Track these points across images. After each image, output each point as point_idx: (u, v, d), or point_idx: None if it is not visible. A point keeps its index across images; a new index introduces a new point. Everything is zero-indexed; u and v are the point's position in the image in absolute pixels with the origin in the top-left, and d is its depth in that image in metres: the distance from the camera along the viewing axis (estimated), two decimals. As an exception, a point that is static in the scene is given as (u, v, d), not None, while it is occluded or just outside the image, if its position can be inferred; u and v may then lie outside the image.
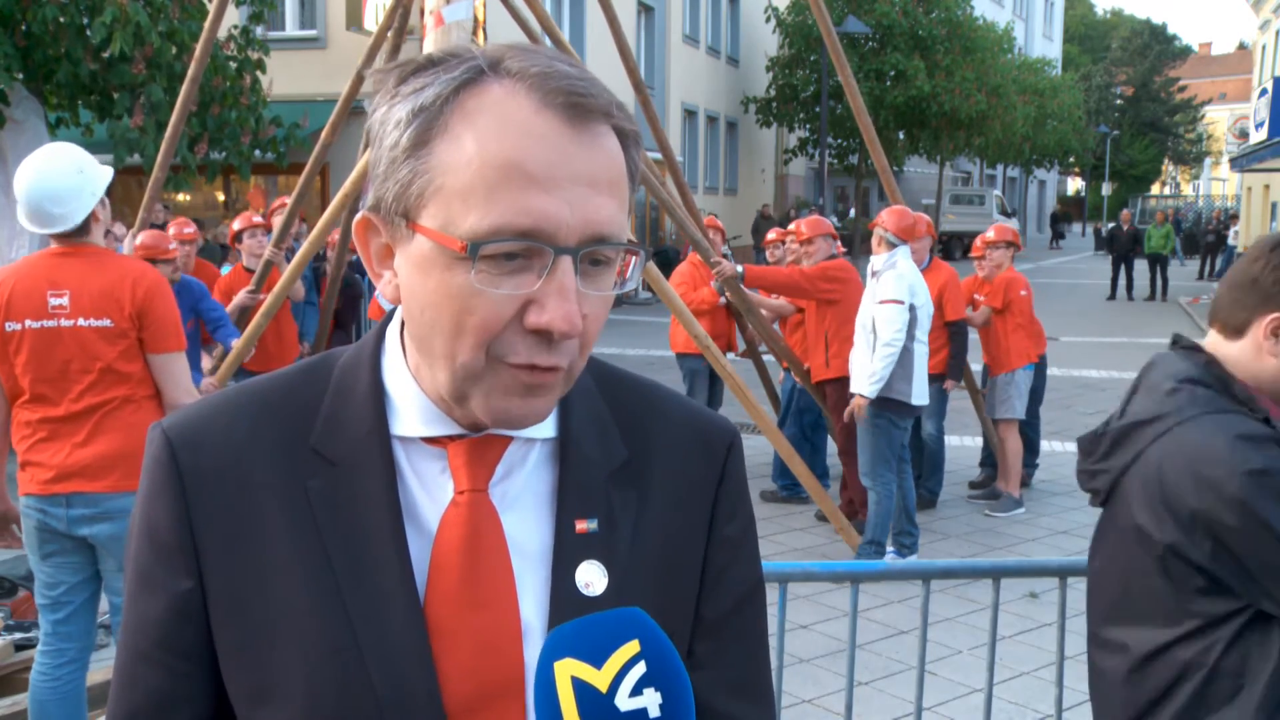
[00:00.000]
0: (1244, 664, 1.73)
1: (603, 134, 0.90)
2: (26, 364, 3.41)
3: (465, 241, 0.86)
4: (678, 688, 0.90)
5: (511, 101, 0.88)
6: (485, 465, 0.98)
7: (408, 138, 0.89)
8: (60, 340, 3.41)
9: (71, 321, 3.41)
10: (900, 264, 6.17)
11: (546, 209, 0.87)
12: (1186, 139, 67.87)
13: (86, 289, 3.42)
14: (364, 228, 0.96)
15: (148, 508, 0.99)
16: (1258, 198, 26.43)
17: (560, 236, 0.87)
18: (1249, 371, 1.83)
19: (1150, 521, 1.79)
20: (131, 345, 3.47)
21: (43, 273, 3.46)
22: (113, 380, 3.45)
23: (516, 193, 0.86)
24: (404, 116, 0.90)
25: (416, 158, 0.89)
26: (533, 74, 0.88)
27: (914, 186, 36.71)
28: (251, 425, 0.99)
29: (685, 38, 27.27)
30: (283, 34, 17.21)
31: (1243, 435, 1.72)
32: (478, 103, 0.88)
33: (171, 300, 3.58)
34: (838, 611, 5.49)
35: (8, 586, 5.18)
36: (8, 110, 10.40)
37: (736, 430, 1.13)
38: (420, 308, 0.92)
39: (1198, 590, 1.75)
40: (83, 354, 3.42)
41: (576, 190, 0.88)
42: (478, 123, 0.87)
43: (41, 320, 3.40)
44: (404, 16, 6.96)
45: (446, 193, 0.88)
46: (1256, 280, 1.81)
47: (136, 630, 0.99)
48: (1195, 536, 1.72)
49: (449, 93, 0.89)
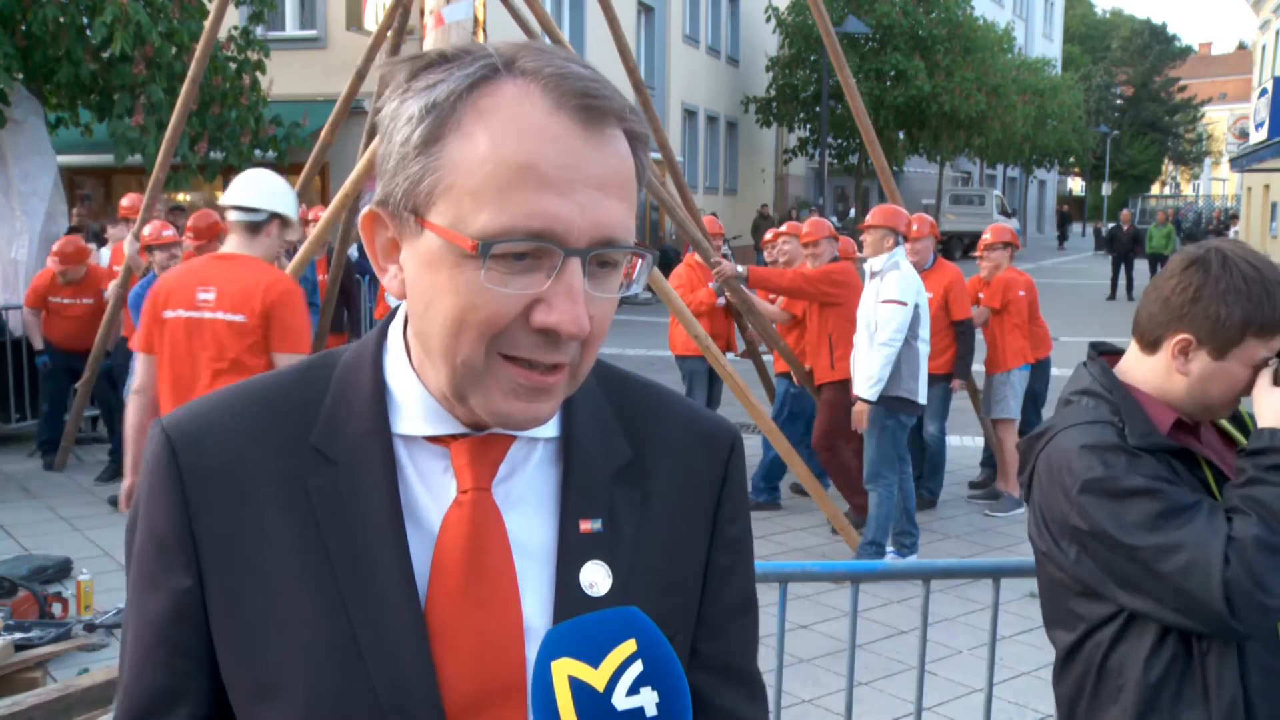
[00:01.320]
0: (1123, 664, 1.79)
1: (614, 137, 0.91)
2: (172, 350, 3.99)
3: (476, 241, 0.86)
4: (675, 686, 0.90)
5: (526, 101, 0.88)
6: (488, 464, 0.97)
7: (419, 134, 0.89)
8: (200, 330, 3.98)
9: (213, 314, 3.97)
10: (903, 264, 6.18)
11: (558, 211, 0.87)
12: (1186, 139, 67.87)
13: (230, 288, 3.97)
14: (371, 221, 0.96)
15: (148, 505, 0.98)
16: (1258, 198, 26.43)
17: (570, 238, 0.87)
18: (1160, 387, 1.85)
19: (1034, 530, 1.88)
20: (258, 341, 3.96)
21: (197, 271, 4.11)
22: (239, 371, 3.89)
23: (529, 194, 0.86)
24: (416, 112, 0.89)
25: (428, 154, 0.89)
26: (547, 74, 0.88)
27: (914, 186, 36.71)
28: (253, 423, 0.99)
29: (685, 38, 27.27)
30: (283, 34, 17.21)
31: (1089, 445, 1.77)
32: (491, 101, 0.88)
33: (301, 306, 4.10)
34: (838, 611, 5.49)
35: (8, 586, 5.18)
36: (8, 110, 10.40)
37: (739, 432, 1.14)
38: (425, 303, 0.91)
39: (1077, 594, 1.83)
40: (215, 344, 3.96)
41: (588, 193, 0.88)
42: (491, 121, 0.87)
43: (190, 311, 3.99)
44: (404, 16, 6.96)
45: (458, 190, 0.88)
46: (1168, 299, 1.82)
47: (139, 628, 0.99)
48: (1063, 543, 1.81)
49: (463, 89, 0.88)
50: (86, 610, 5.20)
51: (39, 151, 10.76)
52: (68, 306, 8.29)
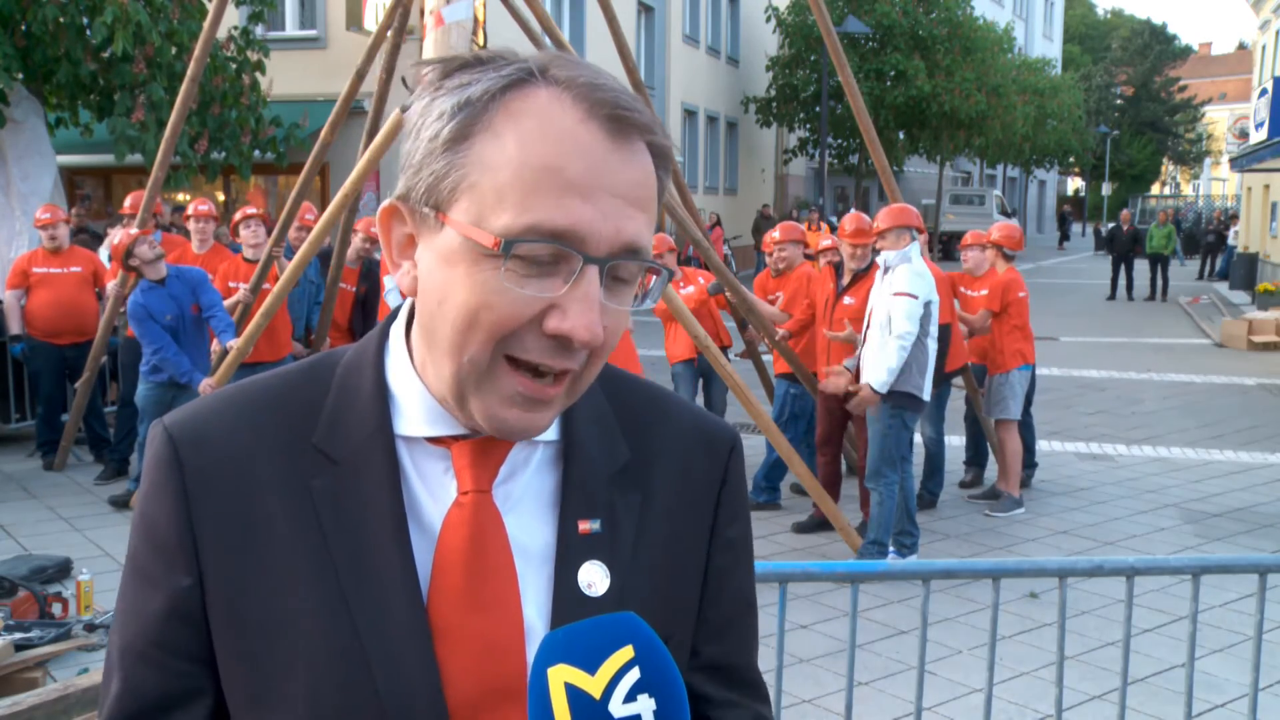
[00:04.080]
0: None
1: (640, 150, 0.91)
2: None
3: (500, 238, 0.87)
4: (672, 693, 0.89)
5: (557, 107, 0.88)
6: (489, 466, 0.97)
7: (449, 130, 0.89)
8: None
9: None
10: (915, 258, 6.17)
11: (582, 216, 0.87)
12: (1186, 139, 67.82)
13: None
14: (389, 216, 0.96)
15: (149, 505, 0.98)
16: (1258, 198, 26.39)
17: (591, 245, 0.88)
18: None
19: None
20: None
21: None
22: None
23: (554, 196, 0.87)
24: (448, 109, 0.90)
25: (455, 151, 0.89)
26: (580, 84, 0.89)
27: (914, 186, 36.70)
28: (254, 423, 0.99)
29: (685, 38, 27.26)
30: (283, 34, 17.20)
31: None
32: (523, 105, 0.88)
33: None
34: (838, 611, 5.49)
35: (8, 586, 5.17)
36: (8, 110, 10.40)
37: (738, 433, 1.14)
38: (438, 300, 0.91)
39: None
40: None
41: (612, 202, 0.88)
42: (522, 124, 0.88)
43: None
44: (404, 16, 6.95)
45: (482, 189, 0.88)
46: None
47: (133, 629, 0.98)
48: None
49: (496, 90, 0.89)
50: (86, 610, 5.20)
51: (39, 151, 10.76)
52: (56, 276, 8.19)
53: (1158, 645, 5.14)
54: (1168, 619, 5.44)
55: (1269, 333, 15.97)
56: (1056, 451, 9.19)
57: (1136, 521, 7.30)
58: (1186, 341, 16.82)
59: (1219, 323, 17.48)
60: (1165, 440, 9.84)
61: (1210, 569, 2.89)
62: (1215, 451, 9.40)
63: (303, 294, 8.19)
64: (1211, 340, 16.84)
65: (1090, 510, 7.57)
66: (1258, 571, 2.83)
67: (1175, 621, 5.38)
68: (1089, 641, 5.18)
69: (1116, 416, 10.94)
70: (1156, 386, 12.75)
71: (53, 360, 8.31)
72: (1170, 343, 16.57)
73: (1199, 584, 2.81)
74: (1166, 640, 5.19)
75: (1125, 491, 8.06)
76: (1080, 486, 8.20)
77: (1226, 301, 22.18)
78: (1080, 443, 9.68)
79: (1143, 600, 5.33)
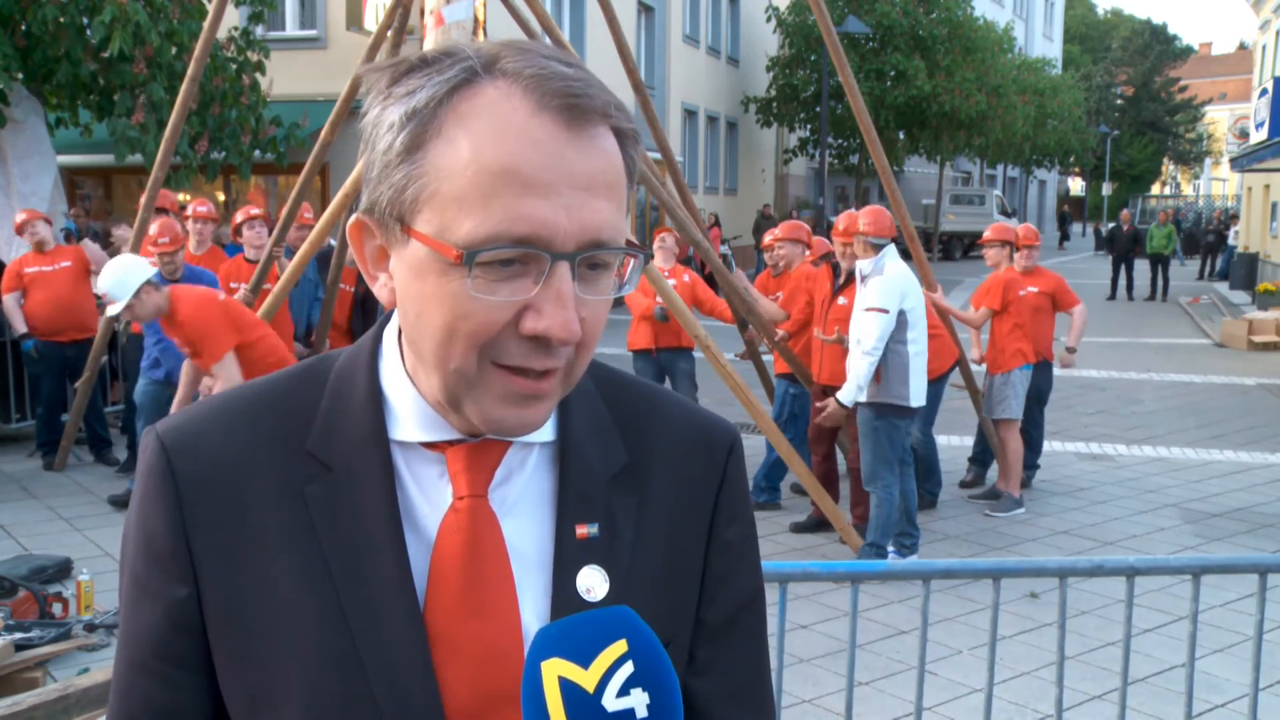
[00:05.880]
0: None
1: (600, 135, 0.89)
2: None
3: (461, 250, 0.85)
4: (666, 688, 0.89)
5: (507, 104, 0.86)
6: (484, 470, 0.97)
7: (401, 141, 0.88)
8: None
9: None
10: (888, 267, 6.13)
11: (543, 215, 0.85)
12: (1186, 139, 67.80)
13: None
14: (359, 230, 0.95)
15: (143, 514, 0.97)
16: (1258, 198, 26.38)
17: (557, 242, 0.86)
18: None
19: None
20: None
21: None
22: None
23: (512, 199, 0.85)
24: (397, 120, 0.88)
25: (410, 162, 0.87)
26: (529, 75, 0.87)
27: (914, 186, 36.69)
28: (248, 430, 0.98)
29: (685, 38, 27.24)
30: (283, 34, 17.19)
31: None
32: (472, 105, 0.87)
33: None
34: (838, 611, 5.49)
35: (8, 586, 5.17)
36: (8, 110, 10.39)
37: (738, 432, 1.12)
38: (415, 312, 0.91)
39: None
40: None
41: (573, 195, 0.86)
42: (472, 126, 0.86)
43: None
44: (404, 16, 6.95)
45: (441, 198, 0.86)
46: None
47: (133, 639, 0.98)
48: None
49: (442, 95, 0.87)
50: (86, 610, 5.20)
51: (39, 151, 10.76)
52: (47, 275, 8.19)
53: (1158, 645, 5.14)
54: (1168, 619, 5.44)
55: (1269, 333, 15.97)
56: (1056, 451, 9.19)
57: (1136, 521, 7.30)
58: (1186, 341, 16.81)
59: (1219, 323, 17.48)
60: (1165, 440, 9.84)
61: (1210, 569, 2.89)
62: (1215, 451, 9.40)
63: (303, 294, 8.19)
64: (1211, 340, 16.84)
65: (1090, 510, 7.57)
66: (1258, 571, 2.83)
67: (1175, 621, 5.38)
68: (1089, 641, 5.18)
69: (1116, 416, 10.94)
70: (1156, 386, 12.75)
71: (54, 360, 8.31)
72: (1170, 343, 16.56)
73: (1199, 584, 2.81)
74: (1167, 640, 5.19)
75: (1125, 491, 8.06)
76: (1080, 486, 8.20)
77: (1226, 301, 22.18)
78: (1080, 443, 9.68)
79: (1143, 600, 5.33)
